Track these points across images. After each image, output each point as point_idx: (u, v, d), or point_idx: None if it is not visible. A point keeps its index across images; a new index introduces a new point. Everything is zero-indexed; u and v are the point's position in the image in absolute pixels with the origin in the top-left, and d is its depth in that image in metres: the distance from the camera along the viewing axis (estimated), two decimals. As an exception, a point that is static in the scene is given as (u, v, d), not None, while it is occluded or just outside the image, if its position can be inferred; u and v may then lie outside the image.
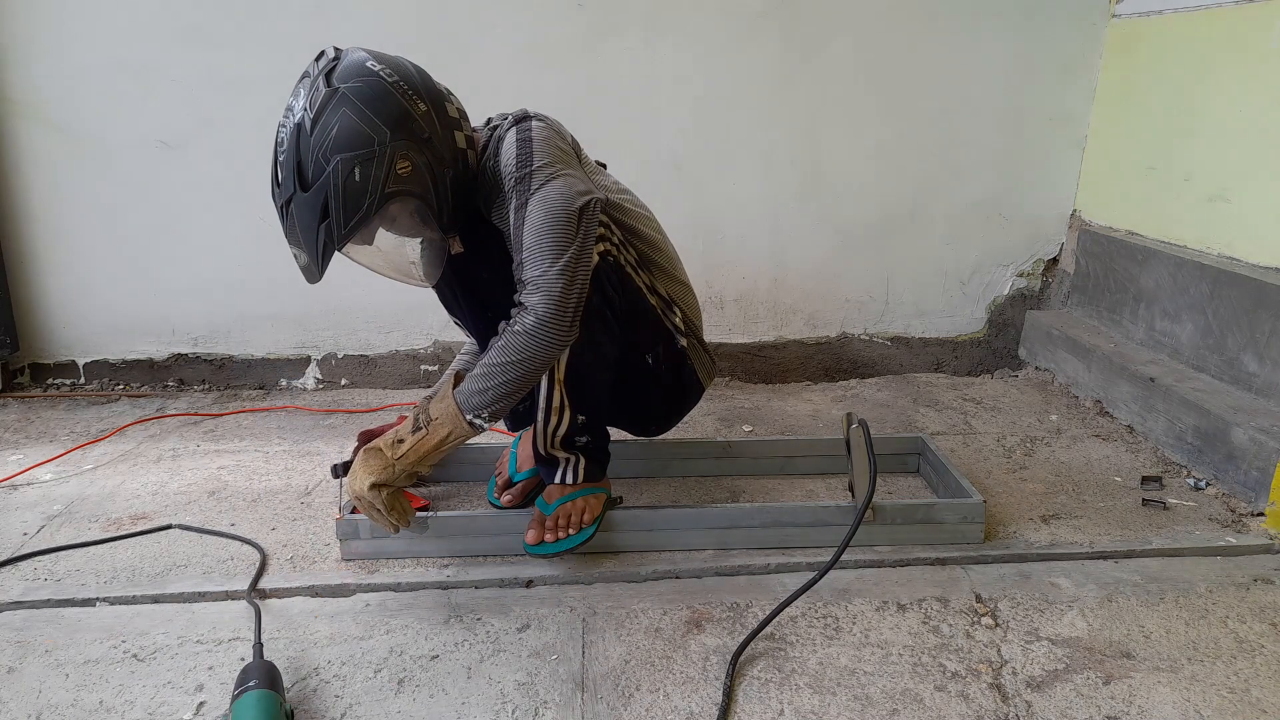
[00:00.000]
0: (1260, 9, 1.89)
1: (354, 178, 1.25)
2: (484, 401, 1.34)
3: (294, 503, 1.77)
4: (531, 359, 1.32)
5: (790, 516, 1.56)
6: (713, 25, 2.30)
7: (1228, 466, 1.76)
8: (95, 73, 2.22)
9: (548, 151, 1.37)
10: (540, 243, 1.32)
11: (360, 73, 1.27)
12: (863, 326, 2.57)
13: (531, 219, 1.33)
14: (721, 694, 1.21)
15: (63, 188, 2.31)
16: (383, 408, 2.31)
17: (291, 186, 1.27)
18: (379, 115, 1.26)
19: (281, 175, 1.28)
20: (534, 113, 1.43)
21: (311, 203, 1.26)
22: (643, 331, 1.54)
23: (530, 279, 1.32)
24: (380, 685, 1.23)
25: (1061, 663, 1.28)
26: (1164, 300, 2.13)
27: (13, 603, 1.42)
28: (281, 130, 1.28)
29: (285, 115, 1.29)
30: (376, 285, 2.39)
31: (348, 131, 1.24)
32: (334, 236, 1.28)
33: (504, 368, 1.32)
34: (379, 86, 1.27)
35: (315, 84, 1.27)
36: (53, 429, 2.16)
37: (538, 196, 1.33)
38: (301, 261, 1.32)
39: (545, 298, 1.31)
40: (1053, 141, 2.47)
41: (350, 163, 1.24)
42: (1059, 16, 2.36)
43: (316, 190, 1.25)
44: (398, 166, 1.28)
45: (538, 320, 1.31)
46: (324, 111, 1.24)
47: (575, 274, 1.33)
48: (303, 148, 1.26)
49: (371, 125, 1.25)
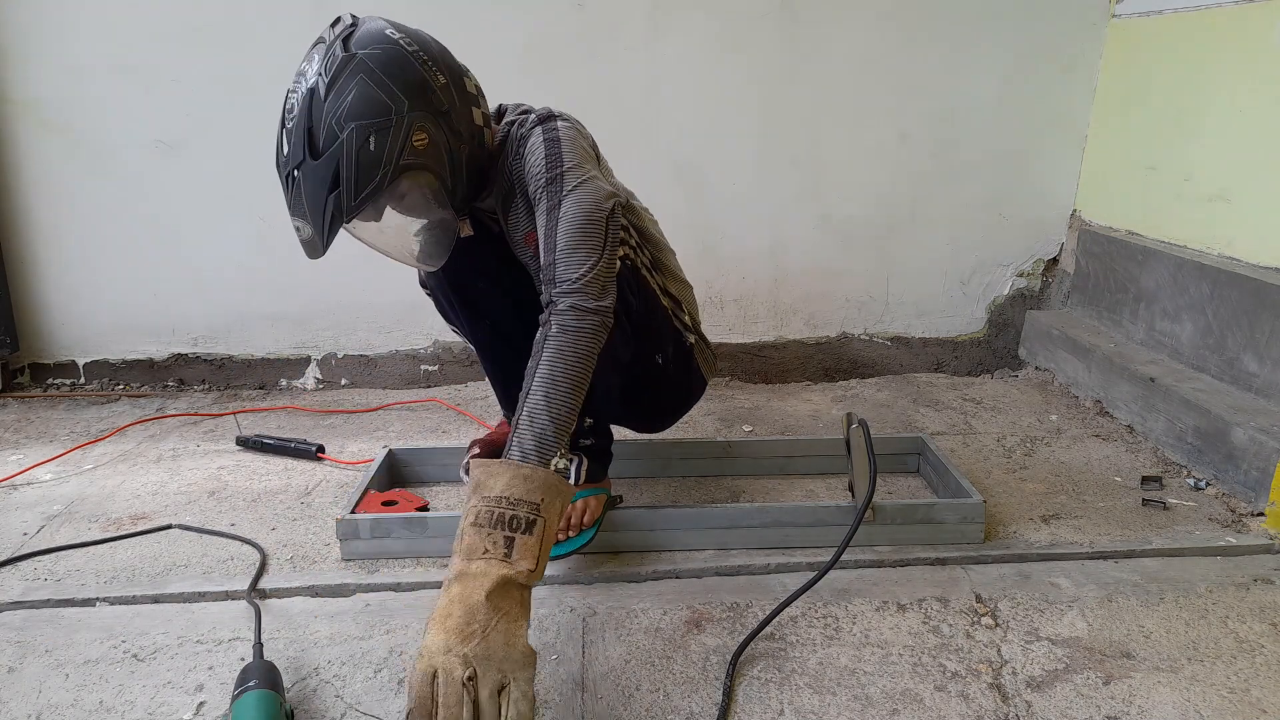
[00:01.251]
0: (1260, 9, 1.89)
1: (368, 147, 1.19)
2: (554, 429, 1.20)
3: (294, 503, 1.76)
4: (583, 358, 1.25)
5: (790, 516, 1.56)
6: (713, 25, 2.30)
7: (1228, 466, 1.76)
8: (95, 73, 2.22)
9: (575, 153, 1.34)
10: (575, 244, 1.29)
11: (379, 40, 1.23)
12: (863, 326, 2.57)
13: (566, 221, 1.30)
14: (721, 694, 1.21)
15: (63, 188, 2.31)
16: (382, 407, 2.31)
17: (301, 154, 1.20)
18: (397, 84, 1.21)
19: (290, 142, 1.21)
20: (558, 112, 1.40)
21: (321, 172, 1.20)
22: (656, 333, 1.53)
23: (566, 279, 1.28)
24: (380, 685, 1.23)
25: (1061, 663, 1.27)
26: (1164, 300, 2.13)
27: (13, 603, 1.42)
28: (292, 96, 1.22)
29: (296, 80, 1.22)
30: (377, 285, 2.42)
31: (364, 99, 1.19)
32: (343, 208, 1.22)
33: (563, 374, 1.23)
34: (398, 54, 1.23)
35: (331, 50, 1.21)
36: (53, 429, 2.16)
37: (572, 198, 1.30)
38: (305, 235, 1.25)
39: (584, 298, 1.27)
40: (1053, 141, 2.47)
41: (365, 131, 1.19)
42: (1059, 16, 2.36)
43: (327, 159, 1.19)
44: (414, 138, 1.23)
45: (579, 319, 1.26)
46: (339, 77, 1.19)
47: (610, 275, 1.31)
48: (315, 114, 1.19)
49: (389, 93, 1.20)
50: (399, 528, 1.52)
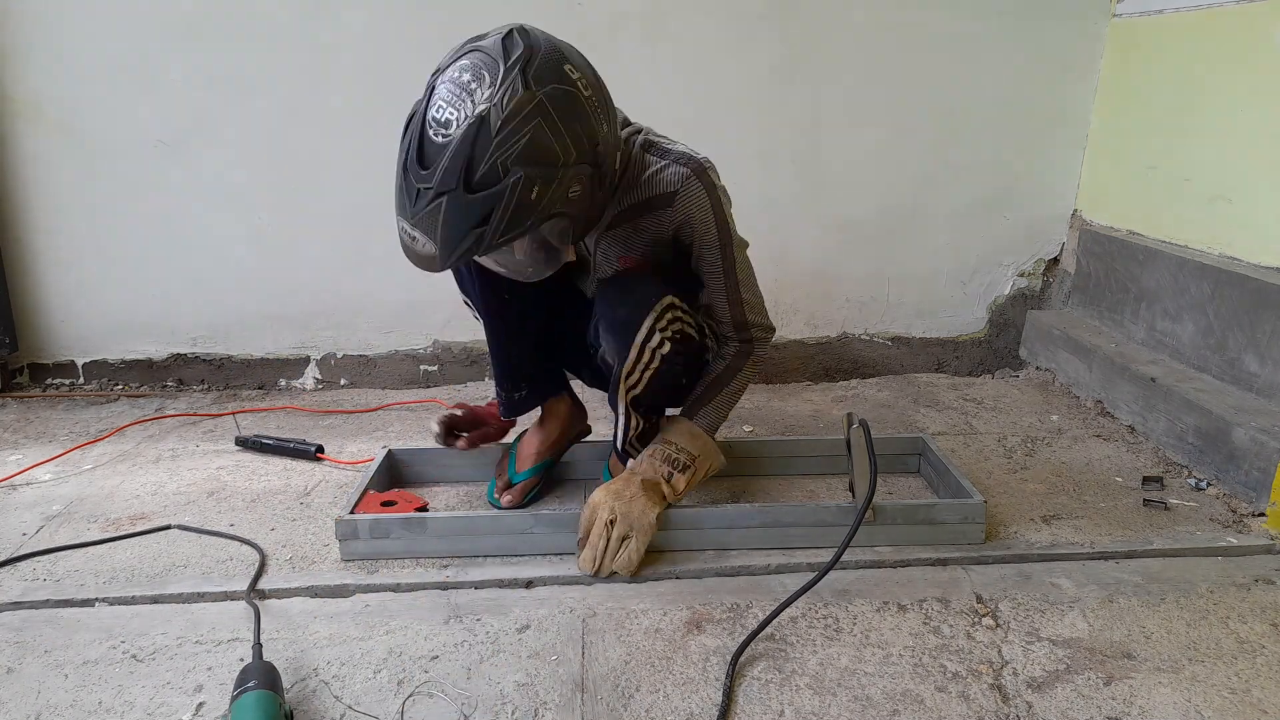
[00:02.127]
0: (1261, 9, 1.89)
1: (529, 195, 1.18)
2: (719, 423, 1.62)
3: (293, 503, 1.76)
4: (750, 380, 1.64)
5: (790, 516, 1.55)
6: (713, 25, 2.29)
7: (1229, 467, 1.75)
8: (95, 73, 2.22)
9: (729, 210, 1.53)
10: (753, 298, 1.60)
11: (558, 77, 1.19)
12: (863, 326, 2.57)
13: (743, 278, 1.57)
14: (721, 695, 1.20)
15: (62, 187, 2.31)
16: (382, 407, 2.31)
17: (454, 182, 1.15)
18: (570, 135, 1.19)
19: (442, 163, 1.15)
20: (708, 164, 1.48)
21: (472, 207, 1.17)
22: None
23: (756, 324, 1.61)
24: (380, 686, 1.23)
25: (1062, 663, 1.27)
26: (1165, 300, 2.13)
27: (12, 603, 1.42)
28: (448, 110, 1.16)
29: (456, 93, 1.16)
30: (376, 285, 2.42)
31: (538, 146, 1.17)
32: (483, 245, 1.20)
33: (736, 394, 1.62)
34: (576, 100, 1.20)
35: (510, 78, 1.16)
36: (52, 429, 2.16)
37: (741, 259, 1.57)
38: (424, 250, 1.22)
39: (764, 339, 1.63)
40: (1053, 141, 2.47)
41: (531, 181, 1.17)
42: (1059, 16, 2.36)
43: (485, 197, 1.16)
44: (570, 189, 1.23)
45: (758, 354, 1.63)
46: (516, 116, 1.15)
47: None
48: (480, 145, 1.15)
49: (562, 145, 1.19)
50: (398, 528, 1.52)
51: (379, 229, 2.37)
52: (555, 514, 1.55)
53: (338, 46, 2.24)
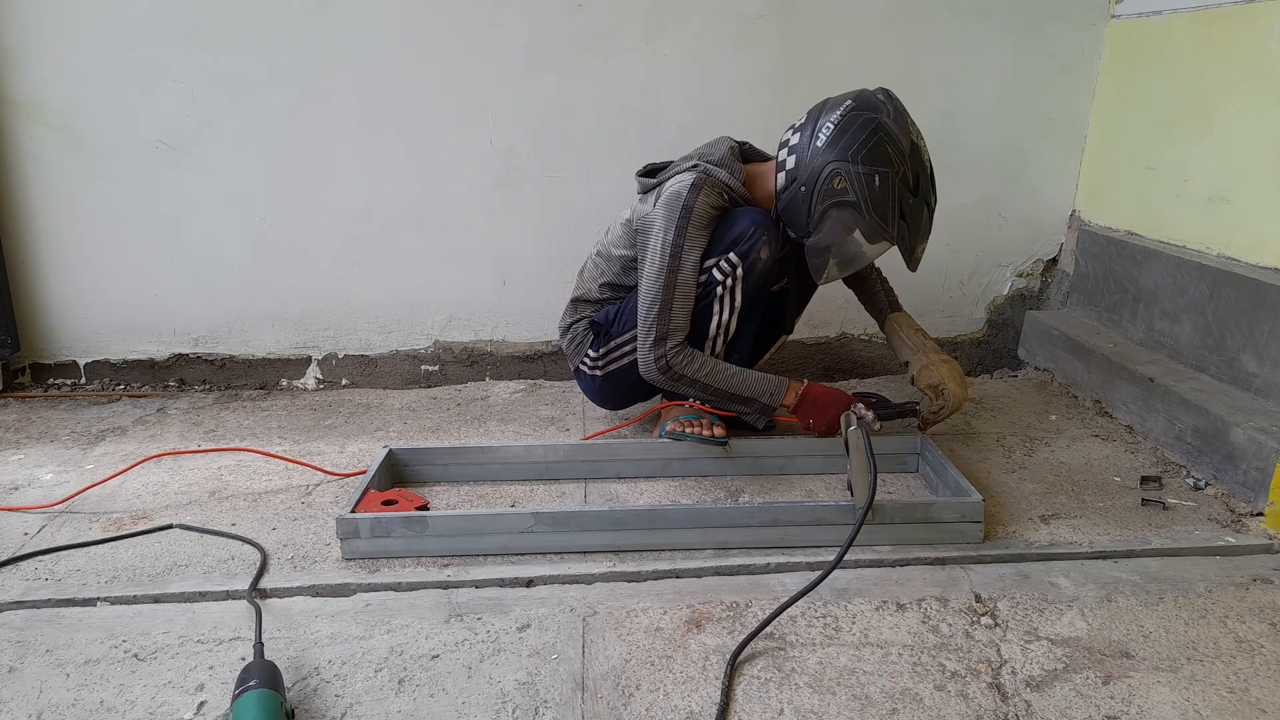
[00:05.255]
0: (1260, 9, 1.90)
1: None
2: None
3: (294, 503, 1.77)
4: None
5: (790, 516, 1.56)
6: (713, 25, 2.30)
7: (1227, 466, 1.76)
8: (95, 73, 2.22)
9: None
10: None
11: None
12: (862, 327, 2.57)
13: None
14: (721, 693, 1.21)
15: (63, 188, 2.31)
16: (382, 407, 2.31)
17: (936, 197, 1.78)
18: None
19: (934, 187, 1.77)
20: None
21: (933, 211, 1.79)
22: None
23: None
24: (380, 685, 1.24)
25: (1061, 662, 1.28)
26: (1163, 300, 2.13)
27: (13, 602, 1.43)
28: (928, 151, 1.76)
29: (919, 139, 1.76)
30: (377, 285, 2.42)
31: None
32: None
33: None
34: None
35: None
36: (53, 429, 2.16)
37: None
38: (920, 254, 1.77)
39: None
40: (1052, 141, 2.47)
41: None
42: (1059, 17, 2.36)
43: (933, 208, 1.79)
44: None
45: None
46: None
47: None
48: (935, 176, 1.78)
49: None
50: (399, 527, 1.53)
51: (379, 229, 2.38)
52: (555, 513, 1.55)
53: (338, 47, 2.24)
